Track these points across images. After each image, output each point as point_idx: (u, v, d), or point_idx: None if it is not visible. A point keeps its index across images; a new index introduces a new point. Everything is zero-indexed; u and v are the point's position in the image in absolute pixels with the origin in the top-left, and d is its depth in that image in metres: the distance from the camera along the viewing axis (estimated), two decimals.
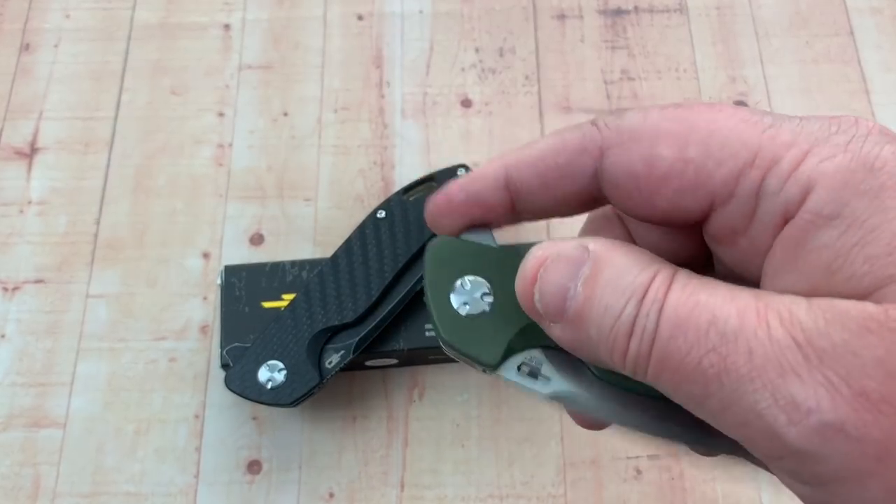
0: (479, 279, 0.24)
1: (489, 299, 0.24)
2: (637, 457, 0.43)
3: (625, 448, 0.44)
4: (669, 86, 0.53)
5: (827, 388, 0.18)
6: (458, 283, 0.24)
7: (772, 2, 0.56)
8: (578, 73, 0.53)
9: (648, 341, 0.20)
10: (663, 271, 0.20)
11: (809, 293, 0.19)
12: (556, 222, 0.26)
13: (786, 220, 0.21)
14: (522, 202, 0.25)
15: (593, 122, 0.23)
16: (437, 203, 0.25)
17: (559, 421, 0.44)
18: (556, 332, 0.22)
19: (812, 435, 0.18)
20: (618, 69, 0.53)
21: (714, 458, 0.24)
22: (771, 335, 0.18)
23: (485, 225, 0.26)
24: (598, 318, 0.21)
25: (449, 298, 0.24)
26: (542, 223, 0.28)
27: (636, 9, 0.55)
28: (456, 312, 0.24)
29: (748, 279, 0.23)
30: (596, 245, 0.21)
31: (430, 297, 0.24)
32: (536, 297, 0.22)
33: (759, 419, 0.18)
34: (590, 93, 0.53)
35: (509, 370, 0.24)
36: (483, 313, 0.24)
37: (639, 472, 0.43)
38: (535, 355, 0.24)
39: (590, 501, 0.43)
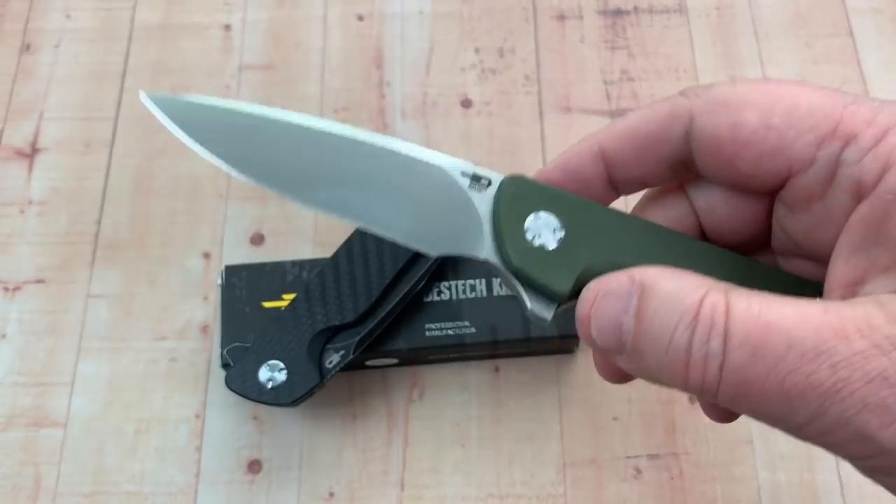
0: (551, 216, 0.25)
1: (560, 234, 0.25)
2: (637, 456, 0.43)
3: (625, 448, 0.44)
4: (669, 86, 0.53)
5: None
6: (532, 216, 0.25)
7: (771, 2, 0.56)
8: (578, 73, 0.53)
9: (715, 369, 0.20)
10: (714, 292, 0.21)
11: (889, 266, 0.20)
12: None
13: (860, 192, 0.22)
14: (618, 171, 0.26)
15: (682, 93, 0.25)
16: (545, 173, 0.26)
17: (559, 421, 0.44)
18: (622, 363, 0.22)
19: None
20: (617, 69, 0.54)
21: None
22: (853, 348, 0.19)
23: None
24: (652, 349, 0.21)
25: (522, 229, 0.25)
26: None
27: (636, 9, 0.55)
28: (528, 241, 0.25)
29: (812, 249, 0.24)
30: (642, 275, 0.22)
31: (502, 225, 0.25)
32: (594, 334, 0.22)
33: (847, 426, 0.19)
34: (590, 93, 0.53)
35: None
36: (554, 246, 0.25)
37: (639, 471, 0.43)
38: None
39: (590, 501, 0.43)
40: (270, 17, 0.55)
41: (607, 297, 0.22)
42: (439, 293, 0.43)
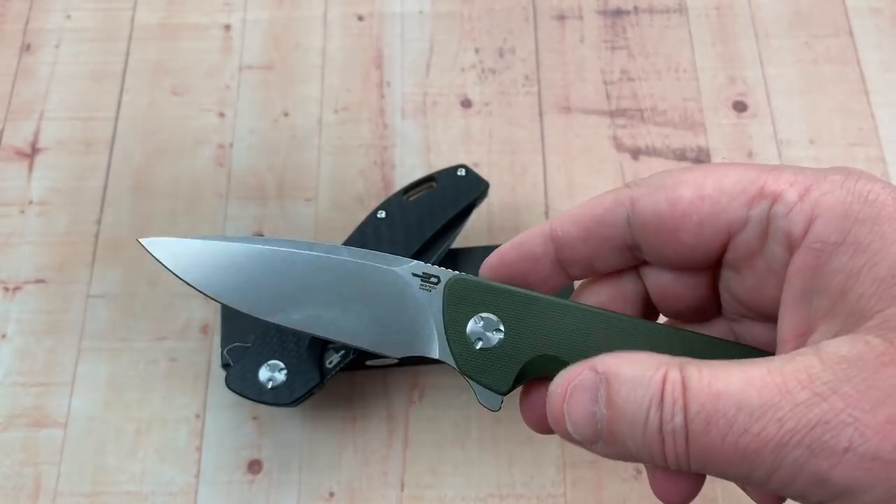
0: (492, 316, 0.27)
1: (500, 335, 0.27)
2: None
3: None
4: (669, 86, 0.53)
5: (855, 426, 0.20)
6: (473, 320, 0.27)
7: (771, 2, 0.56)
8: (578, 73, 0.53)
9: (682, 441, 0.22)
10: (671, 369, 0.22)
11: (828, 312, 0.22)
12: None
13: (791, 244, 0.24)
14: (566, 252, 0.28)
15: (625, 185, 0.27)
16: (491, 263, 0.28)
17: None
18: (599, 451, 0.24)
19: (852, 470, 0.20)
20: (617, 69, 0.54)
21: None
22: (795, 400, 0.20)
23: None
24: (629, 433, 0.23)
25: (465, 334, 0.27)
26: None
27: (636, 9, 0.55)
28: (471, 346, 0.27)
29: (761, 308, 0.26)
30: (603, 365, 0.24)
31: (447, 332, 0.27)
32: (570, 429, 0.24)
33: (802, 473, 0.20)
34: (590, 93, 0.53)
35: None
36: (495, 346, 0.27)
37: (639, 471, 0.43)
38: None
39: (590, 501, 0.43)
40: (270, 17, 0.55)
41: (576, 391, 0.24)
42: None
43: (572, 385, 0.24)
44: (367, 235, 0.43)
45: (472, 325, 0.27)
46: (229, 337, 0.42)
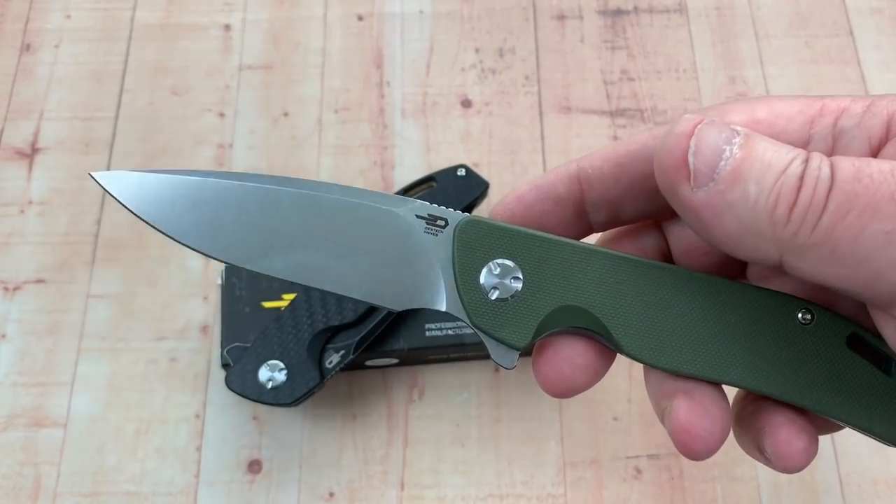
0: (509, 262, 0.24)
1: (518, 284, 0.24)
2: (637, 456, 0.43)
3: (625, 448, 0.44)
4: (669, 86, 0.53)
5: None
6: (487, 268, 0.24)
7: (771, 2, 0.56)
8: (578, 73, 0.53)
9: (825, 188, 0.20)
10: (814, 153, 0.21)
11: None
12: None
13: (873, 150, 0.22)
14: (594, 192, 0.25)
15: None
16: (506, 204, 0.25)
17: (559, 421, 0.44)
18: (699, 196, 0.21)
19: None
20: (618, 69, 0.54)
21: None
22: None
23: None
24: (760, 173, 0.20)
25: (478, 283, 0.24)
26: None
27: (636, 9, 0.55)
28: (486, 297, 0.24)
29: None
30: (746, 129, 0.21)
31: (459, 281, 0.24)
32: (692, 150, 0.21)
33: None
34: (590, 93, 0.53)
35: None
36: (512, 296, 0.24)
37: (639, 471, 0.43)
38: None
39: (590, 501, 0.43)
40: (270, 17, 0.55)
41: (713, 125, 0.21)
42: None
43: (705, 122, 0.21)
44: None
45: (487, 273, 0.24)
46: (229, 337, 0.42)
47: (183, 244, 0.25)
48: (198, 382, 0.45)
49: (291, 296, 0.43)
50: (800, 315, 0.24)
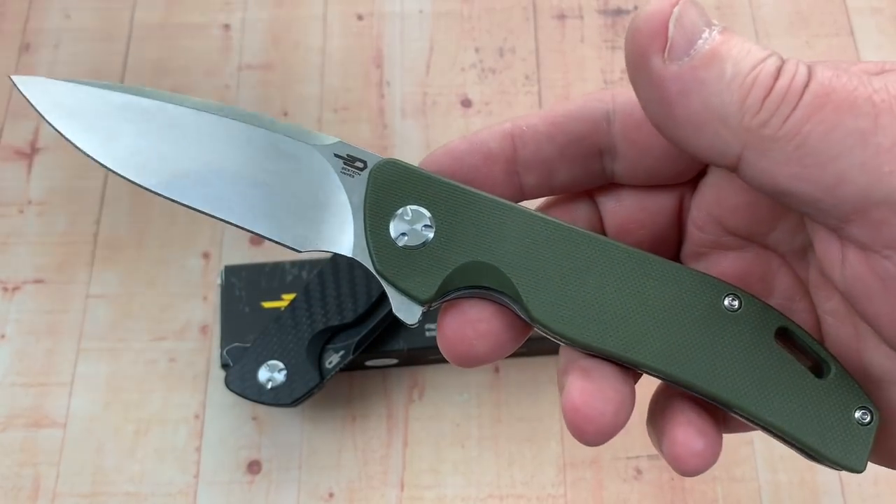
0: (423, 209, 0.23)
1: (430, 233, 0.23)
2: (637, 457, 0.43)
3: (625, 448, 0.44)
4: None
5: None
6: (400, 212, 0.23)
7: (772, 2, 0.56)
8: (578, 73, 0.53)
9: (802, 81, 0.19)
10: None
11: None
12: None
13: None
14: (527, 151, 0.24)
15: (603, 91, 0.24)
16: (435, 155, 0.24)
17: (559, 421, 0.44)
18: (670, 70, 0.20)
19: None
20: (618, 69, 0.53)
21: None
22: None
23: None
24: (738, 56, 0.20)
25: (388, 227, 0.23)
26: None
27: (636, 9, 0.55)
28: (393, 242, 0.23)
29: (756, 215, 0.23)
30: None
31: (368, 223, 0.23)
32: (674, 18, 0.20)
33: None
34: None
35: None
36: (423, 245, 0.23)
37: (639, 472, 0.43)
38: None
39: (590, 501, 0.43)
40: (270, 16, 0.55)
41: (694, 6, 0.20)
42: None
43: (688, 1, 0.20)
44: None
45: (398, 219, 0.23)
46: (229, 337, 0.42)
47: (91, 157, 0.24)
48: (197, 383, 0.45)
49: (291, 296, 0.43)
50: (727, 301, 0.22)
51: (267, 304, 0.43)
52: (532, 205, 0.25)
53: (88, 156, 0.24)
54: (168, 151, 0.24)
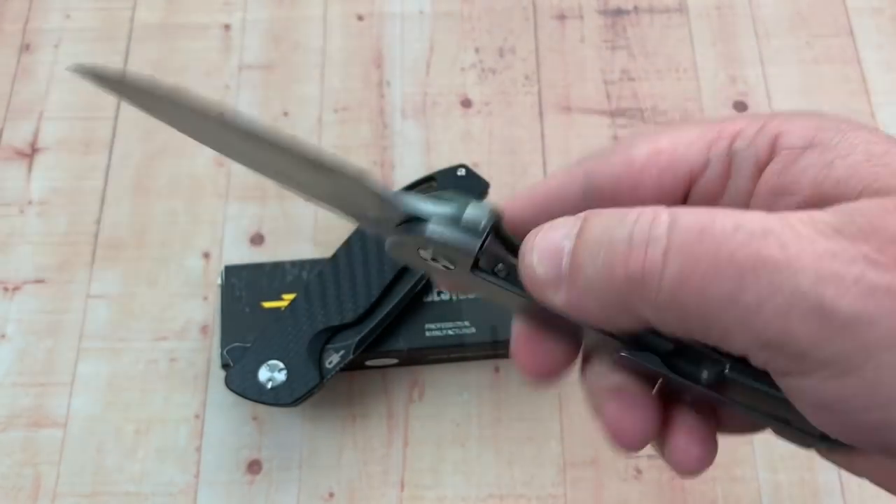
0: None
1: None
2: (637, 456, 0.43)
3: None
4: (669, 86, 0.53)
5: (866, 260, 0.18)
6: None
7: (772, 2, 0.56)
8: (578, 73, 0.53)
9: (658, 252, 0.20)
10: (661, 206, 0.21)
11: (800, 207, 0.21)
12: None
13: (759, 168, 0.23)
14: (519, 233, 0.25)
15: (575, 163, 0.26)
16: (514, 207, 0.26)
17: (559, 421, 0.44)
18: (561, 298, 0.22)
19: (864, 299, 0.18)
20: (618, 69, 0.54)
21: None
22: (799, 232, 0.19)
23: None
24: (592, 254, 0.21)
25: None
26: None
27: (636, 9, 0.55)
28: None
29: None
30: (588, 211, 0.22)
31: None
32: (535, 261, 0.22)
33: (805, 300, 0.19)
34: (590, 93, 0.53)
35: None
36: None
37: (639, 471, 0.43)
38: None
39: (590, 501, 0.43)
40: (270, 16, 0.55)
41: (552, 227, 0.22)
42: (439, 293, 0.43)
43: (549, 224, 0.23)
44: (367, 235, 0.43)
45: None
46: (229, 337, 0.42)
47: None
48: (197, 383, 0.45)
49: (291, 296, 0.43)
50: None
51: (267, 304, 0.43)
52: None
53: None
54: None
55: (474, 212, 0.24)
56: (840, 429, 0.21)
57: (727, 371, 0.22)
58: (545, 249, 0.22)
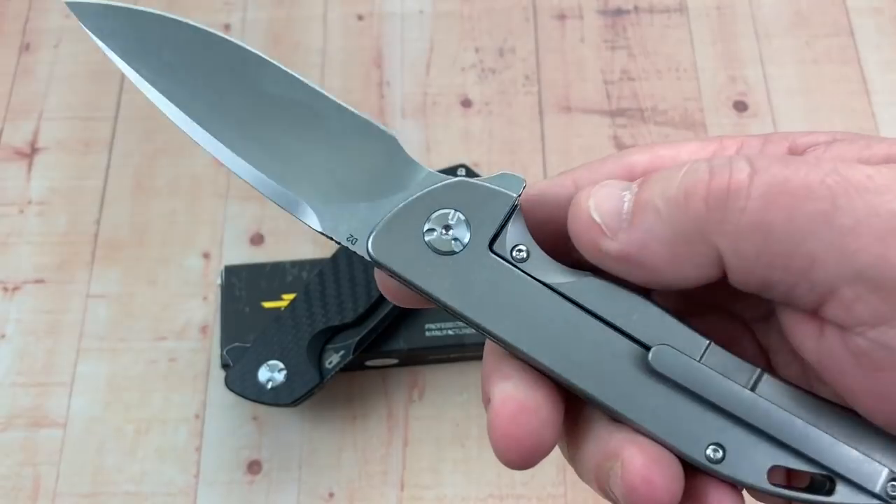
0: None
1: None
2: None
3: None
4: (669, 86, 0.53)
5: None
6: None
7: (772, 2, 0.56)
8: (578, 73, 0.53)
9: (743, 172, 0.19)
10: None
11: None
12: None
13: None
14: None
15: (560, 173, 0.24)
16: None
17: None
18: (619, 241, 0.20)
19: None
20: (618, 69, 0.53)
21: None
22: (881, 171, 0.18)
23: None
24: (662, 186, 0.20)
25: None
26: None
27: (636, 9, 0.55)
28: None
29: None
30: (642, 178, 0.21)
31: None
32: (592, 206, 0.21)
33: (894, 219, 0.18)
34: (590, 93, 0.53)
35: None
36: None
37: None
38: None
39: (590, 501, 0.43)
40: (270, 16, 0.55)
41: (605, 184, 0.21)
42: None
43: (602, 183, 0.21)
44: None
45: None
46: (229, 337, 0.42)
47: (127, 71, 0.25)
48: (197, 383, 0.45)
49: (291, 296, 0.43)
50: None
51: (267, 304, 0.43)
52: None
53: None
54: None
55: (503, 174, 0.23)
56: None
57: None
58: (604, 196, 0.21)
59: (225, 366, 0.42)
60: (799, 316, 0.20)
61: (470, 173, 0.46)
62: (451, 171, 0.46)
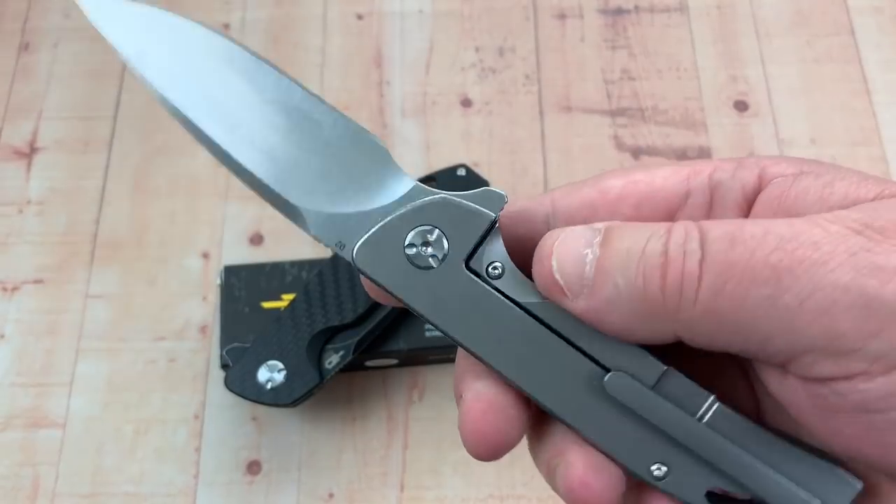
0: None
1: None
2: None
3: None
4: (670, 85, 0.53)
5: None
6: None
7: (772, 1, 0.55)
8: (579, 72, 0.53)
9: (695, 263, 0.20)
10: (685, 220, 0.21)
11: None
12: None
13: (747, 197, 0.23)
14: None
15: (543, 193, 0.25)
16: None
17: None
18: (580, 305, 0.21)
19: None
20: (618, 69, 0.53)
21: None
22: (829, 230, 0.19)
23: None
24: (622, 264, 0.21)
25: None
26: None
27: (636, 8, 0.55)
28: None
29: None
30: (606, 223, 0.22)
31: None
32: (555, 266, 0.22)
33: (847, 294, 0.18)
34: (590, 92, 0.53)
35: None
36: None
37: None
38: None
39: None
40: (270, 16, 0.55)
41: (571, 234, 0.22)
42: None
43: (564, 235, 0.22)
44: None
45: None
46: (229, 337, 0.42)
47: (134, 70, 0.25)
48: (197, 383, 0.45)
49: (291, 296, 0.43)
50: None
51: (267, 304, 0.43)
52: None
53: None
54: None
55: (485, 190, 0.24)
56: (876, 438, 0.20)
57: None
58: (566, 255, 0.22)
59: (224, 366, 0.42)
60: (766, 369, 0.21)
61: (470, 173, 0.46)
62: (451, 170, 0.46)
